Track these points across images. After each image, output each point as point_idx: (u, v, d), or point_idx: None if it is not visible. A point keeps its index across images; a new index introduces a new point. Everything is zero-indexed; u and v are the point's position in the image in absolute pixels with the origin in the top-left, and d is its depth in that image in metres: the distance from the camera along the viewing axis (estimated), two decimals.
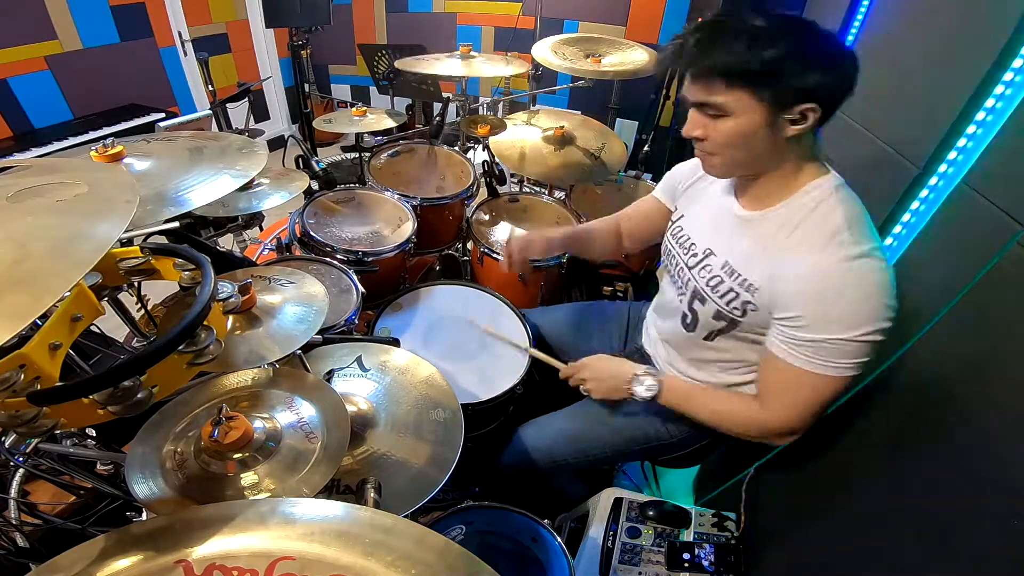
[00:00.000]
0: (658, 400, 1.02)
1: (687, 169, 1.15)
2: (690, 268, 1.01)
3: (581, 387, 1.12)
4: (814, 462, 0.96)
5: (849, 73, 0.77)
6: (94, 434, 0.90)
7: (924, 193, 0.99)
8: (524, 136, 1.91)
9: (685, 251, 1.04)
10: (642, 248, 1.36)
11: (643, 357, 1.21)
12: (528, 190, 2.48)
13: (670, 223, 1.13)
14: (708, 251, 0.99)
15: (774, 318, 0.86)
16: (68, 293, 0.54)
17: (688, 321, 1.03)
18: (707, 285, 0.96)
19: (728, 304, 0.93)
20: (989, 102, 0.86)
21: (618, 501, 1.12)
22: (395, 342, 1.11)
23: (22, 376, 0.49)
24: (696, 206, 1.08)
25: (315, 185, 1.73)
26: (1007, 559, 0.55)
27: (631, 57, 1.98)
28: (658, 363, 1.17)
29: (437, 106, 2.41)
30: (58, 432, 0.74)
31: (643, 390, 1.01)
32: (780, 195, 0.89)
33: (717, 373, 1.05)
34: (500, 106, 3.34)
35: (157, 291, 1.01)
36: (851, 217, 0.82)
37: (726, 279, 0.93)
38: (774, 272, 0.85)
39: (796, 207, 0.87)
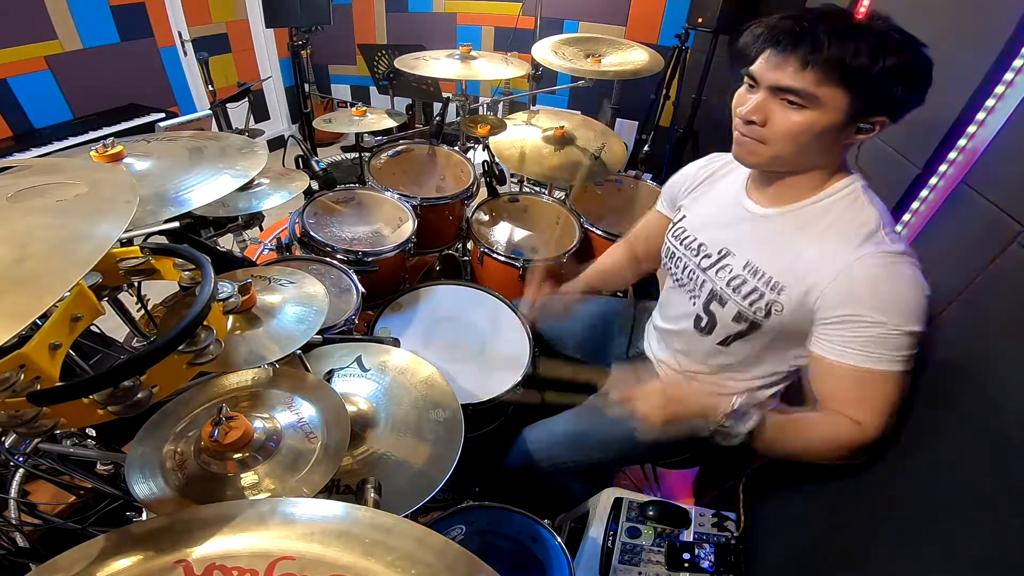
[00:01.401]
0: (757, 439, 0.83)
1: (687, 174, 1.13)
2: (704, 269, 0.99)
3: (630, 411, 0.88)
4: (813, 462, 0.96)
5: (926, 93, 0.75)
6: (94, 434, 0.90)
7: (924, 193, 0.99)
8: (524, 136, 1.90)
9: (694, 252, 1.02)
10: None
11: (645, 361, 1.21)
12: (528, 190, 2.48)
13: (670, 226, 1.11)
14: (724, 251, 0.96)
15: (822, 320, 0.82)
16: (68, 293, 0.54)
17: (703, 324, 1.00)
18: (727, 286, 0.94)
19: (751, 305, 0.90)
20: (989, 102, 0.86)
21: (618, 501, 1.11)
22: (395, 342, 1.11)
23: (22, 376, 0.49)
24: (700, 206, 1.07)
25: (315, 185, 1.73)
26: (1007, 559, 0.55)
27: (631, 57, 1.98)
28: (663, 369, 1.16)
29: (437, 106, 2.40)
30: (58, 432, 0.74)
31: (743, 425, 0.82)
32: (805, 194, 0.87)
33: (728, 379, 1.03)
34: (500, 106, 3.34)
35: (157, 291, 1.01)
36: (883, 217, 0.82)
37: (750, 279, 0.90)
38: (808, 270, 0.83)
39: (825, 206, 0.85)
